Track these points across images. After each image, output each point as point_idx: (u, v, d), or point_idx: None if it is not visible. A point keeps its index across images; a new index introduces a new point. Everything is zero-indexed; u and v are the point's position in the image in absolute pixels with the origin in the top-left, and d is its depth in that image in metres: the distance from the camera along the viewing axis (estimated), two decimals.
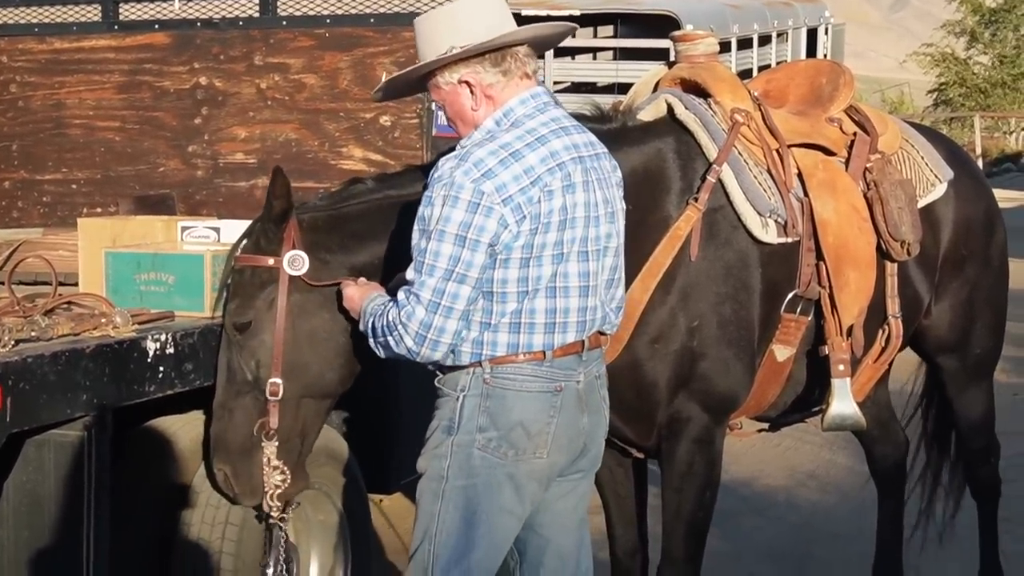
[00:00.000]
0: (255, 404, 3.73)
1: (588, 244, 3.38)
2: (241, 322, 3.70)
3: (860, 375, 4.48)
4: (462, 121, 3.42)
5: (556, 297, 3.35)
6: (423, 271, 3.26)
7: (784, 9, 14.16)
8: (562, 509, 3.55)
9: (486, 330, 3.32)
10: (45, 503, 3.69)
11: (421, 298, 3.25)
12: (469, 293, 3.26)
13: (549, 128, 3.37)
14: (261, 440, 3.72)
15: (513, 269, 3.30)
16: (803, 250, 4.19)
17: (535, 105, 3.40)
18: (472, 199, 3.24)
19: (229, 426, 3.76)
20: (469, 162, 3.27)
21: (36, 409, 3.53)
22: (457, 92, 3.39)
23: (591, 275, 3.40)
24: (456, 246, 3.24)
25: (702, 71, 4.30)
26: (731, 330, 4.06)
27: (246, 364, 3.71)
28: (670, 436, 4.07)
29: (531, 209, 3.28)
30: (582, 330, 3.41)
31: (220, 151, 5.35)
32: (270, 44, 5.31)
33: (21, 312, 3.91)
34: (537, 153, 3.31)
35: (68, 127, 5.63)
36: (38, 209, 5.67)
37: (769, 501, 7.02)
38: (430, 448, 3.42)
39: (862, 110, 4.58)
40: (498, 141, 3.32)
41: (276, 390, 3.68)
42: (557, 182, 3.32)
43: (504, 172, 3.27)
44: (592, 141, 3.48)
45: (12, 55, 5.70)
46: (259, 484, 3.77)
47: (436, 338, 3.27)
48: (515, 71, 3.39)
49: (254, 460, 3.75)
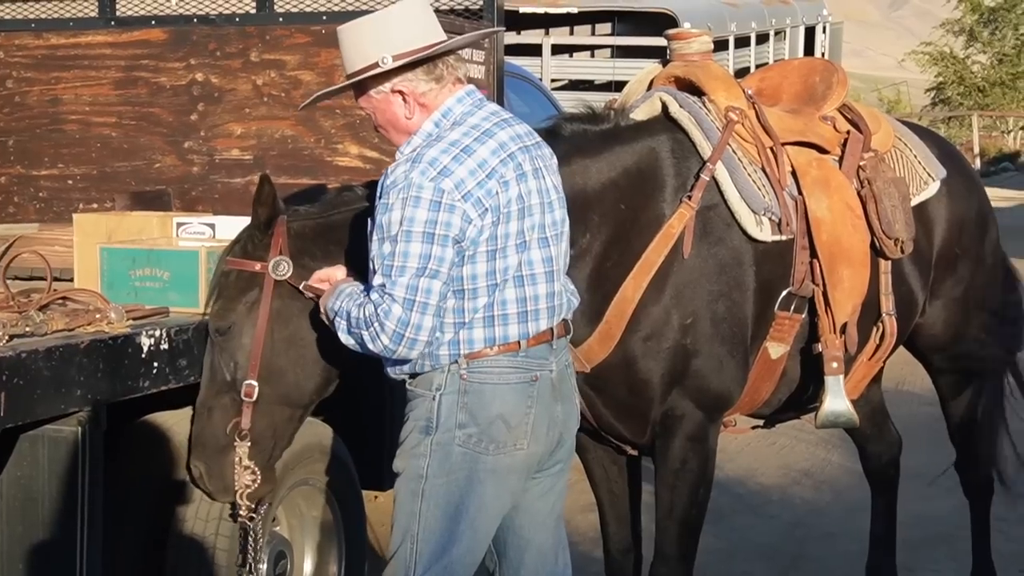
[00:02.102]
0: (232, 405, 3.75)
1: (547, 230, 3.42)
2: (222, 325, 3.74)
3: (854, 373, 4.49)
4: (395, 129, 3.44)
5: (524, 286, 3.37)
6: (393, 273, 3.26)
7: (782, 7, 14.19)
8: (541, 508, 3.57)
9: (460, 329, 3.34)
10: (38, 498, 3.69)
11: (396, 296, 3.24)
12: (441, 288, 3.27)
13: (491, 122, 3.41)
14: (235, 440, 3.74)
15: (481, 263, 3.32)
16: (797, 248, 4.20)
17: (472, 102, 3.43)
18: (433, 197, 3.25)
19: (206, 424, 3.80)
20: (424, 162, 3.28)
21: (30, 404, 3.52)
22: (389, 101, 3.41)
23: (553, 260, 3.43)
24: (425, 243, 3.25)
25: (696, 69, 4.30)
26: (724, 328, 4.07)
27: (225, 365, 3.74)
28: (664, 433, 4.08)
29: (491, 201, 3.30)
30: (551, 316, 3.43)
31: (216, 147, 5.34)
32: (266, 40, 5.31)
33: (16, 307, 3.91)
34: (487, 146, 3.34)
35: (64, 123, 5.62)
36: (34, 205, 5.66)
37: (763, 499, 7.02)
38: (407, 448, 3.43)
39: (855, 108, 4.59)
40: (447, 139, 3.33)
41: (251, 392, 3.70)
42: (510, 172, 3.35)
43: (459, 168, 3.28)
44: (530, 131, 3.52)
45: (8, 50, 5.70)
46: (231, 482, 3.79)
47: (414, 336, 3.27)
48: (447, 78, 3.41)
49: (227, 459, 3.77)
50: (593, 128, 4.07)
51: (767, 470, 7.50)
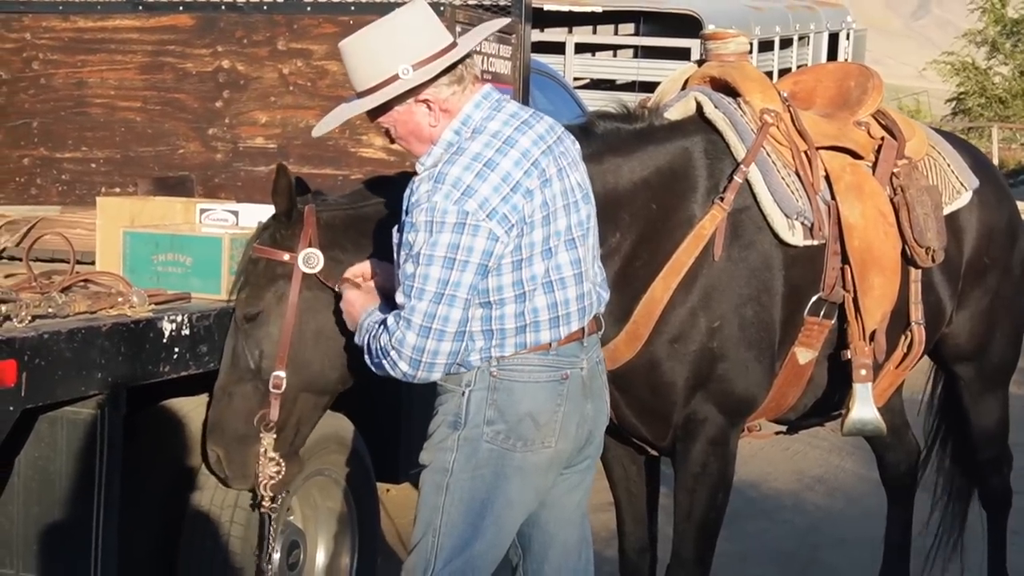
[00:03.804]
0: (255, 392, 3.72)
1: (573, 231, 3.37)
2: (250, 312, 3.70)
3: (881, 381, 4.46)
4: (417, 139, 3.34)
5: (554, 291, 3.34)
6: (412, 295, 3.22)
7: (807, 13, 14.16)
8: (567, 504, 3.55)
9: (492, 336, 3.31)
10: (56, 479, 3.69)
11: (412, 323, 3.22)
12: (460, 315, 3.23)
13: (512, 126, 3.32)
14: (259, 430, 3.72)
15: (506, 275, 3.28)
16: (829, 253, 4.17)
17: (490, 106, 3.35)
18: (458, 220, 3.19)
19: (227, 410, 3.76)
20: (447, 183, 3.21)
21: (50, 385, 3.52)
22: (412, 112, 3.32)
23: (580, 261, 3.39)
24: (445, 268, 3.21)
25: (732, 70, 4.28)
26: (752, 332, 4.04)
27: (250, 353, 3.71)
28: (685, 436, 4.05)
29: (516, 216, 3.25)
30: (582, 316, 3.40)
31: (240, 135, 5.33)
32: (294, 29, 5.30)
33: (38, 288, 3.91)
34: (510, 157, 3.27)
35: (89, 106, 5.62)
36: (56, 187, 5.66)
37: (776, 504, 7.01)
38: (434, 442, 3.41)
39: (889, 115, 4.57)
40: (468, 153, 3.26)
41: (279, 383, 3.67)
42: (535, 181, 3.28)
43: (483, 186, 3.22)
44: (551, 124, 3.43)
45: (36, 32, 5.70)
46: (251, 471, 3.77)
47: (431, 360, 3.24)
48: (467, 78, 3.34)
49: (248, 447, 3.74)
50: (626, 127, 4.04)
51: (781, 475, 7.49)
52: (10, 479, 3.69)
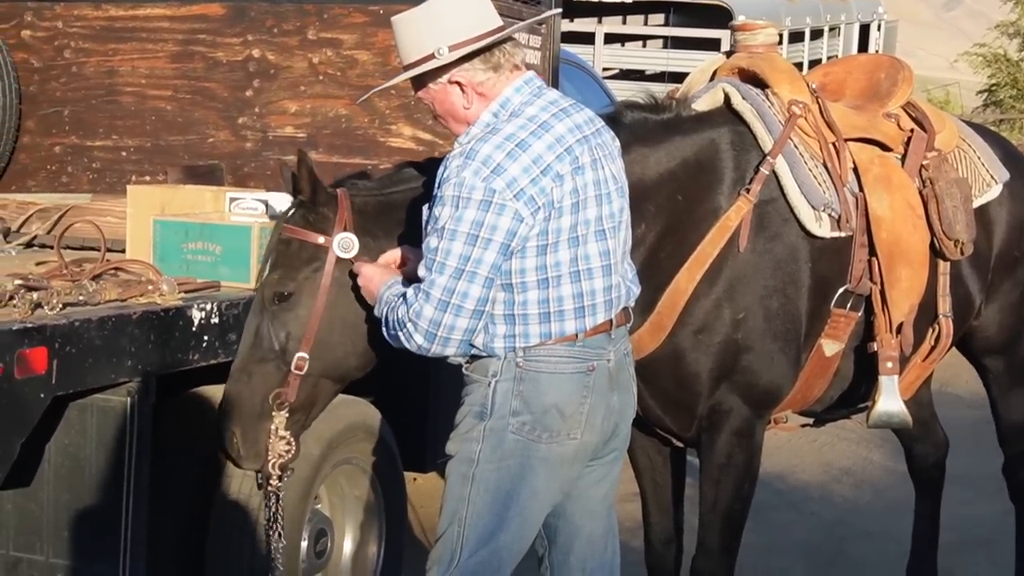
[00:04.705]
0: (276, 373, 3.70)
1: (604, 222, 3.37)
2: (282, 292, 3.68)
3: (908, 373, 4.45)
4: (454, 119, 3.40)
5: (581, 281, 3.34)
6: (433, 269, 3.25)
7: (838, 4, 14.11)
8: (593, 496, 3.55)
9: (515, 322, 3.32)
10: (85, 466, 3.72)
11: (431, 296, 3.24)
12: (480, 292, 3.25)
13: (550, 112, 3.35)
14: (272, 408, 3.69)
15: (530, 258, 3.29)
16: (856, 245, 4.16)
17: (530, 91, 3.38)
18: (484, 197, 3.22)
19: (246, 390, 3.73)
20: (477, 160, 3.24)
21: (81, 373, 3.55)
22: (447, 91, 3.37)
23: (611, 253, 3.39)
24: (467, 244, 3.23)
25: (761, 61, 4.27)
26: (777, 324, 4.03)
27: (276, 334, 3.69)
28: (710, 427, 4.05)
29: (544, 199, 3.26)
30: (610, 309, 3.40)
31: (270, 124, 5.35)
32: (324, 19, 5.31)
33: (69, 276, 3.93)
34: (543, 140, 3.29)
35: (120, 94, 5.64)
36: (87, 175, 5.69)
37: (803, 496, 7.00)
38: (460, 433, 3.41)
39: (919, 107, 4.54)
40: (502, 133, 3.29)
41: (302, 365, 3.65)
42: (566, 167, 3.30)
43: (513, 165, 3.24)
44: (591, 117, 3.46)
45: (67, 21, 5.73)
46: (263, 450, 3.73)
47: (447, 335, 3.26)
48: (505, 65, 3.36)
49: (262, 426, 3.71)
50: (654, 117, 4.04)
51: (808, 467, 7.48)
52: (40, 465, 3.72)
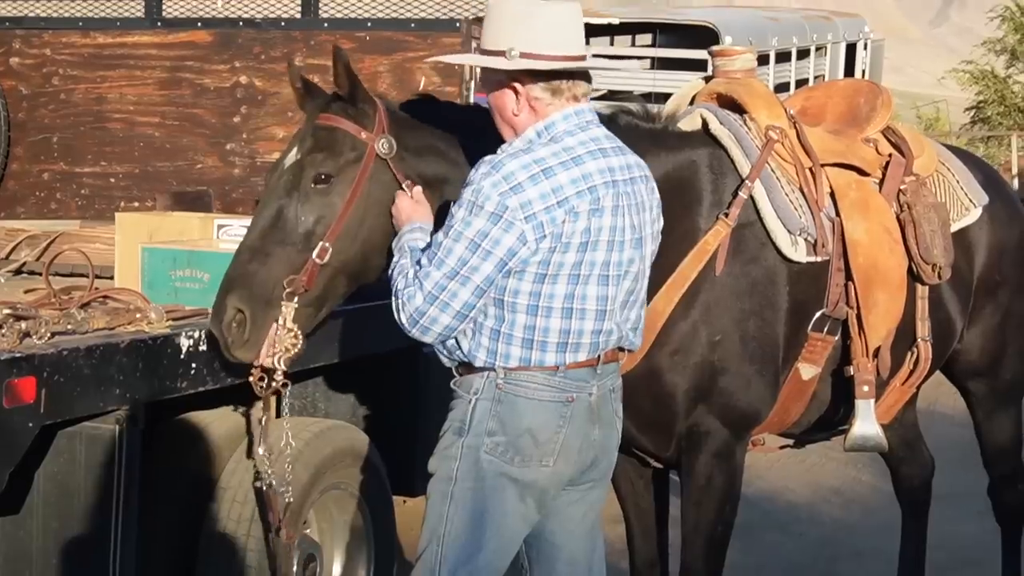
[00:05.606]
0: (296, 257, 3.63)
1: (609, 269, 3.39)
2: (324, 173, 3.63)
3: (887, 397, 4.47)
4: (501, 117, 3.45)
5: (572, 318, 3.37)
6: (433, 262, 3.31)
7: (824, 23, 14.14)
8: (572, 515, 3.56)
9: (499, 340, 3.35)
10: (75, 495, 3.73)
11: (423, 287, 3.30)
12: (468, 297, 3.29)
13: (587, 148, 3.38)
14: (281, 297, 3.62)
15: (526, 282, 3.32)
16: (832, 269, 4.18)
17: (577, 123, 3.40)
18: (496, 211, 3.26)
19: (262, 271, 3.63)
20: (500, 173, 3.28)
21: (69, 402, 3.57)
22: (504, 91, 3.41)
23: (609, 299, 3.41)
24: (468, 250, 3.28)
25: (738, 87, 4.30)
26: (754, 346, 4.05)
27: (306, 216, 3.63)
28: (689, 449, 4.07)
29: (553, 229, 3.29)
30: (595, 350, 3.43)
31: (258, 150, 5.40)
32: (311, 45, 5.36)
33: (58, 304, 3.96)
34: (569, 173, 3.32)
35: (108, 121, 5.69)
36: (76, 201, 5.73)
37: (792, 516, 7.02)
38: (441, 449, 3.45)
39: (899, 131, 4.58)
40: (533, 155, 3.32)
41: (324, 254, 3.62)
42: (585, 205, 3.32)
43: (532, 188, 3.28)
44: (629, 164, 3.47)
45: (56, 48, 5.77)
46: (262, 340, 3.64)
47: (427, 325, 3.33)
48: (565, 92, 3.40)
49: (270, 312, 3.63)
50: (644, 125, 4.06)
51: (796, 487, 7.50)
52: (29, 494, 3.74)
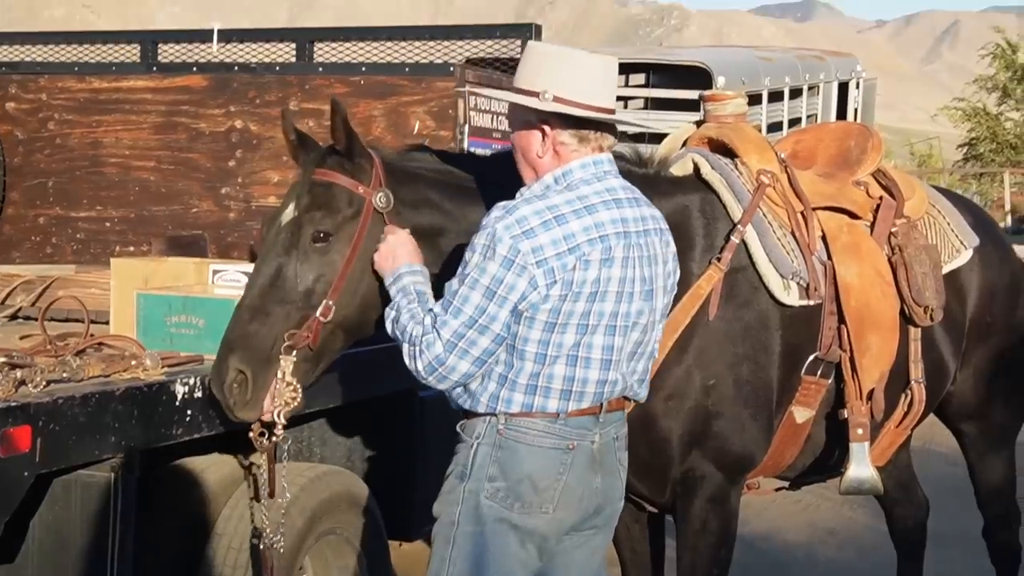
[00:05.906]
0: (296, 315, 3.63)
1: (617, 319, 3.41)
2: (323, 231, 3.63)
3: (881, 440, 4.48)
4: (524, 159, 3.47)
5: (577, 367, 3.38)
6: (449, 311, 3.32)
7: (816, 63, 14.20)
8: (576, 559, 3.56)
9: (504, 385, 3.37)
10: (70, 543, 3.71)
11: (443, 336, 3.32)
12: (488, 344, 3.32)
13: (601, 198, 3.40)
14: (280, 352, 3.62)
15: (536, 330, 3.34)
16: (825, 313, 4.20)
17: (594, 172, 3.43)
18: (508, 255, 3.29)
19: (263, 330, 3.63)
20: (513, 217, 3.31)
21: (65, 450, 3.56)
22: (532, 132, 3.44)
23: (615, 350, 3.42)
24: (485, 298, 3.30)
25: (729, 131, 4.33)
26: (748, 390, 4.06)
27: (305, 275, 3.64)
28: (684, 494, 4.07)
29: (564, 275, 3.31)
30: (598, 400, 3.44)
31: (253, 194, 5.41)
32: (305, 90, 5.38)
33: (53, 352, 3.96)
34: (582, 221, 3.34)
35: (104, 165, 5.70)
36: (71, 246, 5.73)
37: (788, 557, 7.01)
38: (444, 493, 3.47)
39: (889, 174, 4.60)
40: (546, 201, 3.35)
41: (328, 312, 3.62)
42: (596, 254, 3.35)
43: (544, 234, 3.30)
44: (644, 216, 3.49)
45: (52, 93, 5.79)
46: (264, 398, 3.64)
47: (446, 374, 3.34)
48: (591, 142, 3.43)
49: (271, 370, 3.64)
50: (637, 170, 4.08)
51: (792, 528, 7.49)
52: (24, 542, 3.73)
